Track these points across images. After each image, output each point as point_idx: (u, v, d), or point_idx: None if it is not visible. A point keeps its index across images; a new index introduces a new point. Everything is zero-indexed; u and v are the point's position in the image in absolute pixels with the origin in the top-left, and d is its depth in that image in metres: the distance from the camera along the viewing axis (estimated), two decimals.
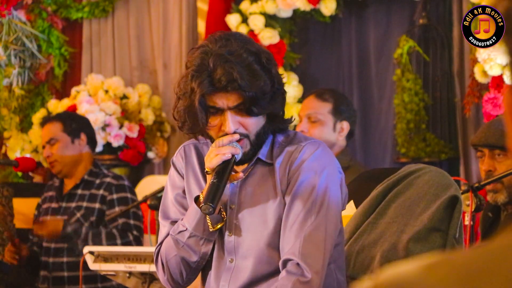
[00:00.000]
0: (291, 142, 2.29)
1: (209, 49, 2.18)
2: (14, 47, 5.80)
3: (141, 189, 4.77)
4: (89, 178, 4.27)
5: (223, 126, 2.21)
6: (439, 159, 4.87)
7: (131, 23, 5.80)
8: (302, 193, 2.21)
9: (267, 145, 2.29)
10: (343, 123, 4.07)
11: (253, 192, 2.28)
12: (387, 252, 2.53)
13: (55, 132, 4.28)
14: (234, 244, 2.27)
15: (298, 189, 2.22)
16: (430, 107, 4.94)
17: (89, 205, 4.20)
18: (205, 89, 2.15)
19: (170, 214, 2.38)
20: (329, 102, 4.08)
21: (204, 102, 2.17)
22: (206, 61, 2.16)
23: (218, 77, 2.13)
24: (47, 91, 5.86)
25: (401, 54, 4.89)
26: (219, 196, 2.16)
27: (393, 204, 2.63)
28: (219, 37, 2.21)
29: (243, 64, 2.14)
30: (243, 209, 2.28)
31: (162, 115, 5.63)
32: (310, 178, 2.22)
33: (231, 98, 2.17)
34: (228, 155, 2.18)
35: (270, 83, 2.17)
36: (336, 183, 2.26)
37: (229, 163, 2.19)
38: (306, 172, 2.22)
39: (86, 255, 3.41)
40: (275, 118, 2.26)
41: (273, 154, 2.28)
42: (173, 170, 2.43)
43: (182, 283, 2.34)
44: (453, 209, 2.55)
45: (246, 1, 5.13)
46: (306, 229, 2.18)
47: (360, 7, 5.17)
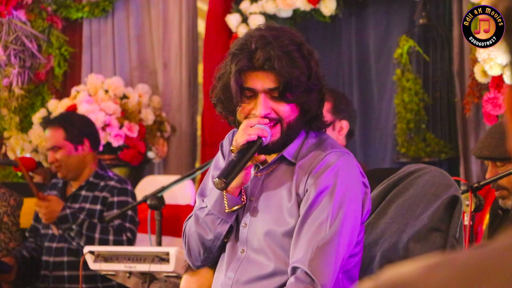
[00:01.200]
0: (319, 147, 2.28)
1: (254, 33, 2.22)
2: (14, 47, 5.80)
3: (141, 189, 4.77)
4: (94, 180, 4.28)
5: (253, 110, 2.22)
6: (439, 159, 4.87)
7: (131, 23, 5.80)
8: (318, 204, 2.19)
9: (296, 144, 2.29)
10: (342, 122, 4.07)
11: (273, 189, 2.28)
12: (387, 252, 2.53)
13: (57, 140, 4.28)
14: (247, 236, 2.28)
15: (315, 199, 2.20)
16: (430, 107, 4.94)
17: (92, 207, 4.21)
18: (242, 65, 2.18)
19: (206, 191, 2.41)
20: (328, 101, 4.08)
21: (240, 81, 2.20)
22: (249, 41, 2.20)
23: (257, 56, 2.17)
24: (47, 91, 5.86)
25: (401, 54, 4.89)
26: (234, 174, 2.17)
27: (393, 204, 2.63)
28: (266, 26, 2.26)
29: (284, 50, 2.17)
30: (261, 204, 2.29)
31: (162, 115, 5.63)
32: (328, 190, 2.20)
33: (266, 80, 2.19)
34: (254, 136, 2.19)
35: (307, 74, 2.19)
36: (355, 196, 2.24)
37: (254, 145, 2.20)
38: (324, 183, 2.20)
39: (86, 255, 3.41)
40: (308, 113, 2.25)
41: (299, 154, 2.28)
42: (219, 152, 2.45)
43: (198, 260, 2.38)
44: (453, 209, 2.55)
45: (246, 1, 5.13)
46: (319, 242, 2.17)
47: (360, 7, 5.17)
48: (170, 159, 5.69)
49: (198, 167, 4.00)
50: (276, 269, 2.25)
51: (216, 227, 2.30)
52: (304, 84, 2.18)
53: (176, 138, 5.68)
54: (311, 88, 2.21)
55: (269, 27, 2.25)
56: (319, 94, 2.26)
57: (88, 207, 4.21)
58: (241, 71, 2.19)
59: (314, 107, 2.26)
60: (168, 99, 5.70)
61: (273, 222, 2.25)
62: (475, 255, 0.79)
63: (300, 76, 2.17)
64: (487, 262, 0.78)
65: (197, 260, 2.39)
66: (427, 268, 0.80)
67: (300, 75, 2.17)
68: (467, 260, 0.79)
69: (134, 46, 5.79)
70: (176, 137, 5.68)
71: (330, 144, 2.30)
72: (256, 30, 2.25)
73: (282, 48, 2.17)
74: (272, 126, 2.23)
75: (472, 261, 0.79)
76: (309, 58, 2.21)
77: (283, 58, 2.15)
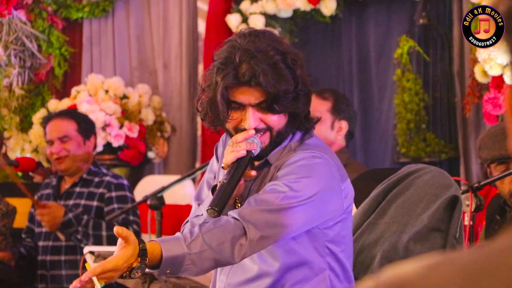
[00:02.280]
0: (297, 148, 2.27)
1: (237, 43, 2.20)
2: (14, 47, 5.80)
3: (141, 189, 4.77)
4: (87, 177, 4.28)
5: (243, 122, 2.22)
6: (439, 159, 4.87)
7: (131, 23, 5.81)
8: (273, 184, 2.18)
9: (280, 147, 2.29)
10: (341, 122, 4.07)
11: (256, 192, 2.28)
12: (387, 252, 2.53)
13: (69, 130, 4.29)
14: None
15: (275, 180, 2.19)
16: (430, 107, 4.94)
17: (87, 203, 4.21)
18: (229, 81, 2.17)
19: (201, 195, 2.42)
20: (329, 101, 4.08)
21: (227, 96, 2.19)
22: (233, 55, 2.18)
23: (243, 71, 2.15)
24: (47, 91, 5.86)
25: (401, 54, 4.89)
26: (226, 199, 2.17)
27: (393, 204, 2.63)
28: (249, 33, 2.23)
29: (268, 62, 2.16)
30: None
31: (162, 115, 5.64)
32: (286, 176, 2.18)
33: (253, 95, 2.18)
34: (243, 152, 2.20)
35: (294, 83, 2.18)
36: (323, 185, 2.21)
37: (244, 160, 2.20)
38: (285, 171, 2.20)
39: (86, 255, 3.41)
40: (296, 118, 2.25)
41: (280, 156, 2.27)
42: (214, 155, 2.46)
43: None
44: (453, 209, 2.55)
45: (246, 1, 5.13)
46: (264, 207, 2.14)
47: (360, 7, 5.17)
48: (170, 159, 5.69)
49: (198, 167, 4.00)
50: (260, 272, 2.26)
51: None
52: (291, 94, 2.18)
53: (176, 138, 5.68)
54: (298, 95, 2.20)
55: (252, 34, 2.22)
56: (306, 96, 2.25)
57: (83, 203, 4.21)
58: (228, 87, 2.19)
59: (302, 112, 2.25)
60: (168, 99, 5.70)
61: None
62: (476, 255, 0.79)
63: (287, 86, 2.16)
64: (488, 262, 0.78)
65: None
66: (428, 267, 0.80)
67: (287, 85, 2.16)
68: (468, 260, 0.79)
69: (134, 46, 5.79)
70: (176, 137, 5.68)
71: (311, 145, 2.28)
72: (238, 38, 2.22)
73: (267, 61, 2.15)
74: (262, 134, 2.23)
75: (473, 261, 0.79)
76: (294, 66, 2.19)
77: (269, 73, 2.14)
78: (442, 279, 0.78)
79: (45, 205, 4.09)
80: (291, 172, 2.19)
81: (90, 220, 4.11)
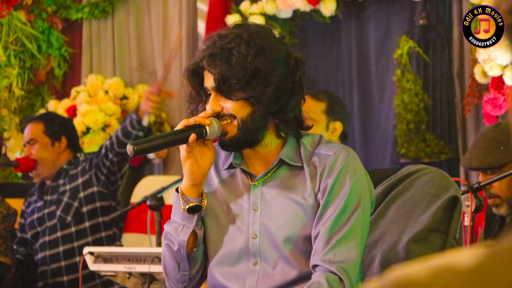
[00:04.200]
0: (320, 146, 2.26)
1: (215, 32, 2.24)
2: (14, 47, 5.80)
3: (141, 189, 4.77)
4: (68, 167, 4.28)
5: None
6: (439, 160, 4.87)
7: (131, 24, 5.81)
8: (336, 197, 2.17)
9: (291, 147, 2.26)
10: (336, 123, 4.07)
11: (279, 194, 2.24)
12: (387, 253, 2.53)
13: (35, 133, 4.28)
14: (260, 246, 2.22)
15: (331, 194, 2.18)
16: (430, 107, 4.94)
17: (73, 185, 4.21)
18: (189, 65, 2.24)
19: None
20: (323, 102, 4.09)
21: (196, 81, 2.24)
22: (206, 41, 2.24)
23: (202, 56, 2.20)
24: (47, 92, 5.86)
25: (401, 54, 4.89)
26: (150, 144, 2.17)
27: (393, 204, 2.63)
28: (236, 24, 2.26)
29: (223, 47, 2.17)
30: (268, 212, 2.23)
31: (162, 115, 5.63)
32: (346, 183, 2.18)
33: (208, 80, 2.20)
34: (191, 121, 2.18)
35: (246, 69, 2.15)
36: (366, 188, 2.23)
37: (192, 128, 2.18)
38: (340, 178, 2.19)
39: (86, 256, 3.41)
40: (267, 108, 2.20)
41: (302, 156, 2.25)
42: None
43: (177, 282, 2.30)
44: (453, 210, 2.55)
45: (246, 2, 5.13)
46: (340, 234, 2.14)
47: (360, 7, 5.17)
48: (170, 160, 5.69)
49: None
50: (300, 274, 2.20)
51: (179, 235, 2.23)
52: (242, 80, 2.15)
53: None
54: (255, 84, 2.17)
55: (237, 25, 2.24)
56: (278, 89, 2.20)
57: (69, 188, 4.21)
58: (188, 71, 2.23)
59: (274, 103, 2.20)
60: (168, 99, 5.70)
61: (285, 227, 2.20)
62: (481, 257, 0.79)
63: (234, 73, 2.15)
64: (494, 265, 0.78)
65: (177, 282, 2.30)
66: (433, 269, 0.80)
67: (233, 72, 2.15)
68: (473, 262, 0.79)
69: (134, 46, 5.79)
70: None
71: (331, 142, 2.29)
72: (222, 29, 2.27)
73: (223, 46, 2.17)
74: (230, 123, 2.22)
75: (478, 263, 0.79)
76: (256, 53, 2.17)
77: (217, 56, 2.16)
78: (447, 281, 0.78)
79: None
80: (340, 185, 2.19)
81: None
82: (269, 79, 2.18)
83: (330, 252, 2.13)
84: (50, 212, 4.23)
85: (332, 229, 2.14)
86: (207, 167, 2.23)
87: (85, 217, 4.20)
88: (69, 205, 4.18)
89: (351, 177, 2.19)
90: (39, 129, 4.29)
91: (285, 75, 2.21)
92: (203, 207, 2.23)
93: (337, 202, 2.17)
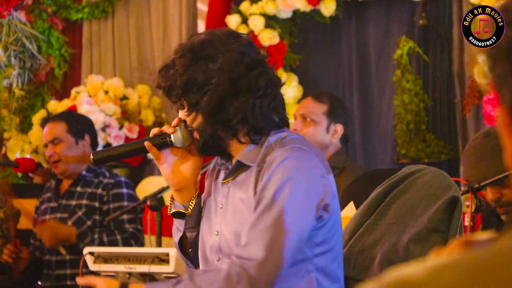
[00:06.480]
0: (279, 145, 2.26)
1: None
2: (14, 48, 5.80)
3: (141, 190, 4.77)
4: (87, 174, 4.26)
5: None
6: (439, 160, 4.86)
7: (131, 24, 5.81)
8: (263, 197, 2.20)
9: (252, 148, 2.28)
10: (337, 126, 4.07)
11: (237, 195, 2.29)
12: (387, 253, 2.53)
13: (59, 132, 4.25)
14: (220, 243, 2.29)
15: (261, 193, 2.20)
16: (430, 108, 4.94)
17: (90, 203, 4.20)
18: None
19: None
20: (325, 104, 4.09)
21: None
22: None
23: None
24: (47, 92, 5.86)
25: (401, 55, 4.89)
26: (109, 152, 2.35)
27: (393, 205, 2.63)
28: (191, 35, 2.36)
29: (167, 62, 2.29)
30: (229, 210, 2.30)
31: (162, 115, 5.64)
32: (273, 184, 2.19)
33: None
34: (156, 131, 2.32)
35: (180, 82, 2.23)
36: (301, 191, 2.20)
37: (157, 137, 2.31)
38: (272, 178, 2.20)
39: (86, 256, 3.41)
40: (212, 116, 2.25)
41: (258, 156, 2.26)
42: None
43: None
44: (453, 210, 2.55)
45: (246, 2, 5.13)
46: (253, 233, 2.17)
47: (360, 8, 5.17)
48: None
49: None
50: None
51: (174, 236, 2.42)
52: (179, 92, 2.25)
53: None
54: (192, 94, 2.24)
55: (191, 37, 2.33)
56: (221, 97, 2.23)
57: (85, 203, 4.20)
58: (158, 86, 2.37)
59: (217, 110, 2.24)
60: (167, 100, 5.69)
61: (240, 226, 2.25)
62: (480, 256, 0.79)
63: (171, 85, 2.26)
64: (493, 264, 0.78)
65: None
66: (432, 269, 0.80)
67: (169, 84, 2.26)
68: (473, 262, 0.79)
69: (134, 46, 5.80)
70: None
71: (287, 141, 2.26)
72: None
73: (166, 61, 2.30)
74: (193, 131, 2.30)
75: (477, 262, 0.79)
76: (188, 64, 2.23)
77: (161, 71, 2.29)
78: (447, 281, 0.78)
79: (42, 223, 4.09)
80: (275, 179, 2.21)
81: (103, 238, 4.10)
82: (204, 88, 2.24)
83: (243, 248, 2.18)
84: (62, 218, 4.22)
85: (251, 227, 2.19)
86: (188, 173, 2.35)
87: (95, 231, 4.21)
88: (83, 222, 4.16)
89: (280, 178, 2.18)
90: (62, 128, 4.25)
91: (224, 82, 2.24)
92: (186, 214, 2.35)
93: (263, 202, 2.20)
